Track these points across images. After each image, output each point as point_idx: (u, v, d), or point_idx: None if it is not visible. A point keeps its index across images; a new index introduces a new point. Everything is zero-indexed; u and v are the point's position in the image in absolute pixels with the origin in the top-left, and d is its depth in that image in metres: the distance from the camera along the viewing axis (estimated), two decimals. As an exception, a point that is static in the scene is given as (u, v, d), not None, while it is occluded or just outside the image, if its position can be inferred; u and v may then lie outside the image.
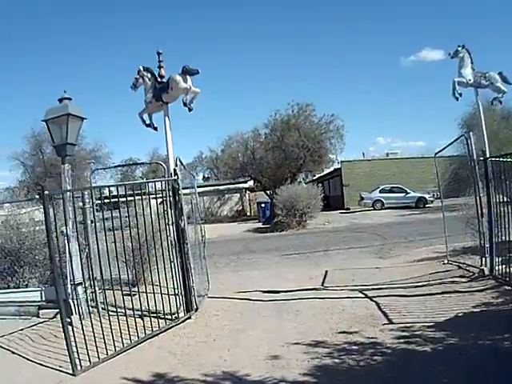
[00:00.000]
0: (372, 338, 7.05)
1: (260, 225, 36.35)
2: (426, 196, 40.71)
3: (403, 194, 41.20)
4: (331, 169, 53.47)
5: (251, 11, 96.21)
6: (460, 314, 7.83)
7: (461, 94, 10.89)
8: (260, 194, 52.84)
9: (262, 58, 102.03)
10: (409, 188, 41.97)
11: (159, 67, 9.48)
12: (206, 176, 69.92)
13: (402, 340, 6.81)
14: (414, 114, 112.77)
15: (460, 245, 13.82)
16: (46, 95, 76.81)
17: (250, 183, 54.22)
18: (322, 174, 56.48)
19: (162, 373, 6.26)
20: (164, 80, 9.31)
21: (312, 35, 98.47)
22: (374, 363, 6.07)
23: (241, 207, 54.91)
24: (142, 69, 9.44)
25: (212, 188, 52.76)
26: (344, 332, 7.46)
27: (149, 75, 9.42)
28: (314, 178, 57.35)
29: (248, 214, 53.63)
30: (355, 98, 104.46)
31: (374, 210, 40.09)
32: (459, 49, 10.87)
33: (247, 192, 56.27)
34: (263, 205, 38.96)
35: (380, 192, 41.62)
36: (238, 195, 55.31)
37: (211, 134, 71.43)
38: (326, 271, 13.36)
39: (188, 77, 8.91)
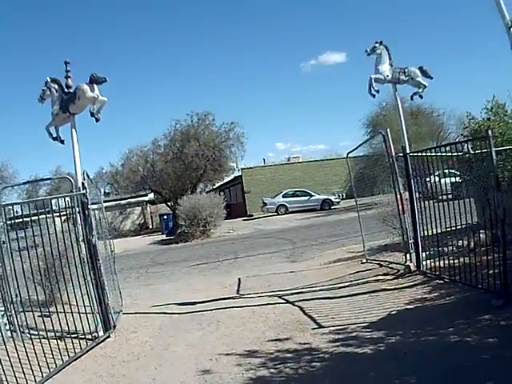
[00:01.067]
0: (305, 343, 6.94)
1: (164, 237, 36.10)
2: (332, 198, 41.32)
3: (307, 198, 41.64)
4: (232, 177, 53.56)
5: (143, 22, 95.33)
6: (393, 312, 7.82)
7: (378, 91, 11.07)
8: (161, 206, 52.43)
9: (161, 68, 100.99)
10: (313, 191, 42.45)
11: (66, 77, 9.18)
12: (107, 191, 68.62)
13: (337, 343, 6.71)
14: (313, 118, 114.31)
15: (376, 243, 14.07)
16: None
17: (151, 196, 53.63)
18: (222, 183, 56.42)
19: (92, 398, 6.02)
20: (71, 90, 9.01)
21: (210, 40, 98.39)
22: (314, 370, 5.94)
23: (143, 220, 54.21)
24: (49, 80, 9.12)
25: (114, 203, 51.75)
26: (273, 340, 7.34)
27: (56, 86, 9.10)
28: (215, 186, 57.21)
29: (150, 226, 53.03)
30: (255, 103, 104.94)
31: (278, 215, 40.38)
32: (376, 45, 11.00)
33: (148, 205, 55.65)
34: (165, 217, 38.76)
35: (283, 197, 41.96)
36: (140, 209, 54.60)
37: (112, 150, 70.57)
38: (239, 279, 13.32)
39: (95, 86, 8.67)
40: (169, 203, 48.08)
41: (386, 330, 6.94)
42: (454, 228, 9.21)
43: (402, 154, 10.57)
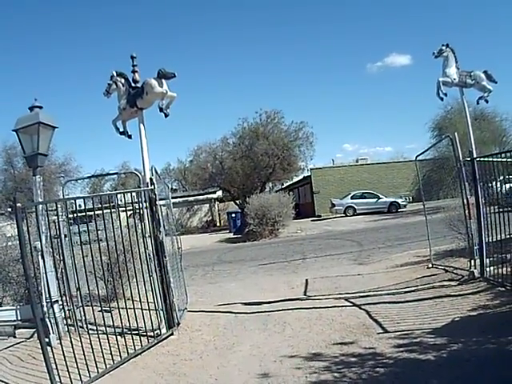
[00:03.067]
0: (369, 348, 6.74)
1: (231, 235, 36.07)
2: (399, 200, 40.76)
3: (375, 200, 41.14)
4: (301, 177, 53.39)
5: (213, 20, 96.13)
6: (457, 319, 7.59)
7: (446, 94, 10.85)
8: (229, 204, 52.61)
9: (229, 67, 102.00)
10: (380, 193, 41.96)
11: (133, 72, 9.07)
12: (174, 188, 69.31)
13: (401, 349, 6.51)
14: (380, 120, 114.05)
15: (442, 248, 13.69)
16: (17, 108, 75.71)
17: (219, 193, 53.91)
18: (291, 182, 56.38)
19: (151, 396, 5.87)
20: (138, 85, 8.90)
21: (279, 41, 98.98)
22: (377, 375, 5.74)
23: (210, 218, 54.50)
24: (115, 74, 9.02)
25: (181, 199, 52.20)
26: (338, 343, 7.14)
27: (122, 80, 9.01)
28: (283, 186, 57.25)
29: (218, 224, 53.28)
30: (322, 104, 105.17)
31: (346, 216, 40.03)
32: (443, 48, 10.75)
33: (216, 202, 55.93)
34: (234, 215, 38.73)
35: (351, 198, 41.56)
36: (208, 206, 54.91)
37: (180, 146, 71.47)
38: (307, 280, 13.08)
39: (164, 81, 8.52)
40: (237, 201, 48.19)
41: (449, 336, 6.75)
42: None
43: (469, 159, 10.27)
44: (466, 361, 5.77)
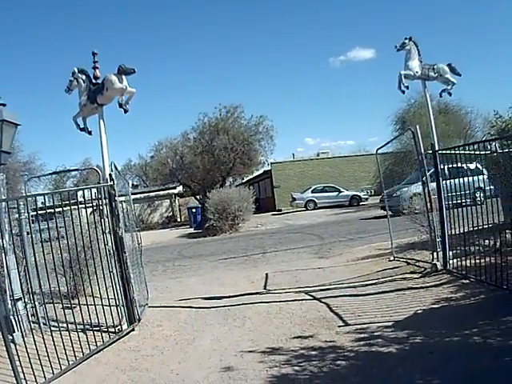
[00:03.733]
0: (330, 341, 6.81)
1: (192, 230, 36.17)
2: (360, 194, 41.17)
3: (336, 193, 41.58)
4: (261, 171, 53.54)
5: (174, 13, 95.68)
6: (419, 311, 7.69)
7: (407, 87, 10.85)
8: (190, 199, 52.60)
9: (189, 61, 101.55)
10: (342, 187, 42.28)
11: (94, 68, 9.06)
12: (135, 184, 68.98)
13: (362, 342, 6.58)
14: (342, 114, 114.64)
15: (404, 241, 13.89)
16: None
17: (180, 189, 53.85)
18: (251, 177, 56.52)
19: (113, 392, 5.92)
20: (99, 81, 8.91)
21: (239, 35, 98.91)
22: (338, 368, 5.80)
23: (171, 213, 54.41)
24: (76, 70, 9.02)
25: (142, 195, 51.98)
26: (299, 337, 7.21)
27: (83, 77, 9.00)
28: (244, 180, 57.33)
29: (178, 219, 53.24)
30: (283, 98, 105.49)
31: (307, 210, 40.40)
32: (406, 41, 10.79)
33: (177, 198, 55.84)
34: (194, 210, 38.85)
35: (312, 192, 41.89)
36: (168, 201, 54.79)
37: (141, 142, 71.01)
38: (267, 274, 13.15)
39: (124, 77, 8.56)
40: (197, 196, 48.30)
41: (411, 329, 6.82)
42: (480, 227, 9.08)
43: (431, 152, 10.40)
44: (429, 353, 5.85)
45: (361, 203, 40.15)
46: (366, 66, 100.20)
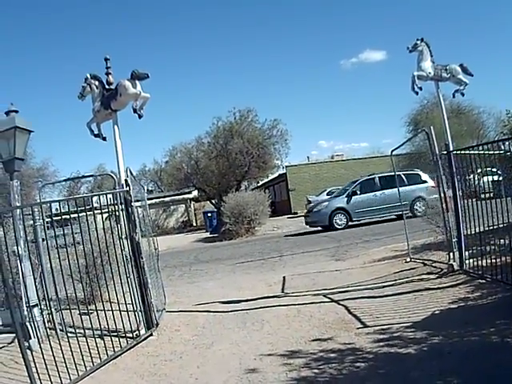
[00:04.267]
0: (349, 343, 6.74)
1: (208, 234, 36.17)
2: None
3: (351, 196, 41.18)
4: (276, 174, 53.54)
5: (184, 20, 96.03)
6: (437, 312, 7.62)
7: (421, 88, 10.76)
8: (205, 203, 52.68)
9: (203, 65, 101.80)
10: (357, 189, 42.16)
11: (107, 74, 9.04)
12: (150, 189, 69.20)
13: (381, 343, 6.51)
14: (355, 116, 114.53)
15: (419, 242, 13.81)
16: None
17: (195, 193, 53.92)
18: (267, 180, 56.52)
19: (132, 397, 5.87)
20: (112, 87, 8.87)
21: (252, 38, 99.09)
22: (358, 370, 5.73)
23: (187, 218, 54.50)
24: (89, 76, 8.99)
25: (157, 200, 52.12)
26: (318, 339, 7.15)
27: (96, 83, 8.97)
28: (259, 184, 57.32)
29: (194, 224, 53.33)
30: (296, 102, 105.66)
31: (323, 212, 40.02)
32: (418, 42, 10.71)
33: (192, 202, 55.92)
34: (210, 214, 38.84)
35: (327, 194, 41.54)
36: (184, 206, 54.89)
37: (156, 147, 71.32)
38: (284, 277, 13.11)
39: (137, 82, 8.53)
40: (213, 201, 48.43)
41: (429, 329, 6.75)
42: (496, 227, 9.06)
43: (445, 152, 10.34)
44: (447, 353, 5.80)
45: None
46: (377, 68, 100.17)
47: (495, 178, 10.75)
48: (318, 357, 6.38)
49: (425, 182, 22.08)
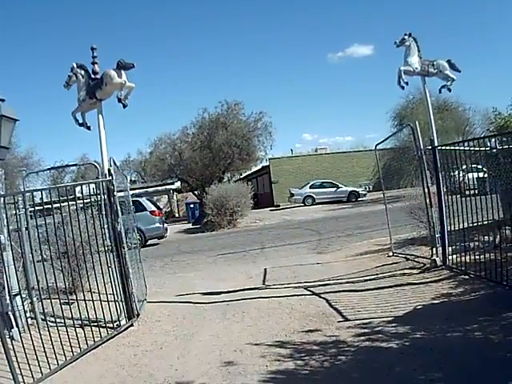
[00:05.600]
0: (330, 336, 6.80)
1: (190, 225, 36.10)
2: (359, 190, 41.16)
3: (334, 189, 41.53)
4: (259, 167, 53.57)
5: (174, 10, 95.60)
6: (419, 307, 7.68)
7: (407, 83, 10.84)
8: (188, 194, 52.62)
9: (189, 58, 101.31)
10: (340, 182, 42.26)
11: (93, 63, 9.04)
12: (133, 179, 68.84)
13: (363, 337, 6.57)
14: (340, 110, 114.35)
15: (402, 236, 13.88)
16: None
17: (178, 184, 53.73)
18: (249, 172, 56.52)
19: (112, 387, 5.87)
20: (98, 76, 8.87)
21: (238, 31, 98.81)
22: (340, 363, 5.79)
23: (169, 209, 54.36)
24: (75, 66, 8.99)
25: (140, 190, 51.88)
26: (299, 332, 7.20)
27: (82, 72, 8.98)
28: (242, 176, 57.23)
29: (176, 215, 53.22)
30: (281, 94, 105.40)
31: (305, 205, 40.36)
32: (405, 37, 10.77)
33: (175, 193, 55.82)
34: (192, 205, 38.92)
35: (310, 187, 41.81)
36: (166, 197, 54.77)
37: (141, 138, 70.84)
38: (265, 269, 13.18)
39: (123, 72, 8.53)
40: (195, 192, 48.37)
41: (411, 324, 6.81)
42: (479, 223, 9.14)
43: (430, 147, 10.38)
44: (429, 349, 5.84)
45: (359, 199, 40.12)
46: (364, 63, 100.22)
47: (480, 174, 10.84)
48: (299, 349, 6.43)
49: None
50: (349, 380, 5.31)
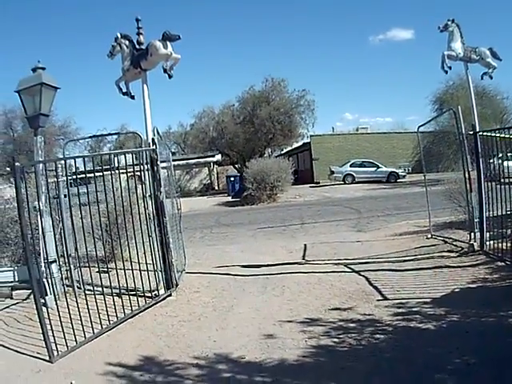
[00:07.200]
0: (368, 314, 6.74)
1: (229, 199, 36.09)
2: (398, 171, 40.71)
3: (374, 169, 41.21)
4: (300, 143, 53.33)
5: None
6: (457, 290, 7.57)
7: (450, 68, 10.78)
8: (228, 168, 52.64)
9: (236, 37, 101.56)
10: (380, 163, 41.88)
11: (138, 34, 8.97)
12: (173, 151, 69.10)
13: (400, 317, 6.49)
14: (381, 91, 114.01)
15: (441, 219, 13.66)
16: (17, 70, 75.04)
17: (218, 157, 53.75)
18: (290, 148, 56.26)
19: (149, 356, 5.82)
20: (143, 47, 8.80)
21: (283, 15, 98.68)
22: (377, 342, 5.71)
23: (209, 181, 54.44)
24: (119, 36, 8.93)
25: (181, 162, 52.01)
26: (338, 309, 7.14)
27: (127, 42, 8.93)
28: (283, 152, 57.11)
29: (216, 188, 53.27)
30: (324, 74, 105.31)
31: (345, 184, 40.06)
32: (449, 23, 10.68)
33: (215, 166, 55.87)
34: (232, 178, 38.88)
35: (351, 166, 41.53)
36: (206, 169, 54.81)
37: (181, 111, 71.02)
38: (305, 245, 13.14)
39: (168, 43, 8.43)
40: (236, 165, 48.34)
41: (448, 307, 6.73)
42: None
43: (471, 133, 10.29)
44: (466, 332, 5.77)
45: (398, 180, 39.69)
46: (405, 46, 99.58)
47: None
48: (337, 326, 6.36)
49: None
50: (386, 359, 5.22)
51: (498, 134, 9.84)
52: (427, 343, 5.53)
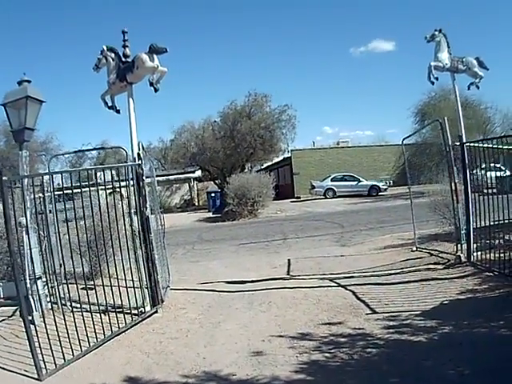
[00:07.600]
0: (359, 328, 6.74)
1: (210, 214, 35.99)
2: (379, 184, 40.92)
3: (355, 183, 41.36)
4: (281, 158, 53.51)
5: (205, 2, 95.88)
6: (446, 302, 7.61)
7: (437, 78, 10.96)
8: (209, 183, 52.67)
9: (214, 50, 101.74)
10: (361, 176, 42.06)
11: (124, 46, 8.97)
12: (153, 167, 69.06)
13: (391, 330, 6.50)
14: (361, 104, 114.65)
15: (425, 232, 13.72)
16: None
17: (199, 173, 53.74)
18: (271, 163, 56.39)
19: (138, 374, 5.73)
20: (129, 59, 8.77)
21: (263, 25, 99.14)
22: (369, 356, 5.69)
23: (190, 197, 54.38)
24: (105, 48, 8.90)
25: (161, 178, 51.91)
26: (327, 323, 7.11)
27: (112, 55, 8.89)
28: (263, 166, 57.20)
29: (197, 203, 53.22)
30: (303, 87, 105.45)
31: (326, 198, 40.14)
32: (436, 33, 10.82)
33: (195, 182, 55.83)
34: (213, 194, 38.85)
35: (332, 180, 41.69)
36: (187, 185, 54.75)
37: (162, 126, 71.01)
38: (289, 260, 13.15)
39: (155, 56, 8.41)
40: (216, 181, 48.37)
41: (439, 319, 6.75)
42: (502, 222, 9.16)
43: (458, 143, 10.38)
44: (458, 344, 5.78)
45: (379, 193, 39.88)
46: (386, 58, 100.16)
47: (498, 174, 10.86)
48: (328, 341, 6.34)
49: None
50: (379, 373, 5.20)
51: (485, 145, 9.91)
52: (420, 356, 5.53)
